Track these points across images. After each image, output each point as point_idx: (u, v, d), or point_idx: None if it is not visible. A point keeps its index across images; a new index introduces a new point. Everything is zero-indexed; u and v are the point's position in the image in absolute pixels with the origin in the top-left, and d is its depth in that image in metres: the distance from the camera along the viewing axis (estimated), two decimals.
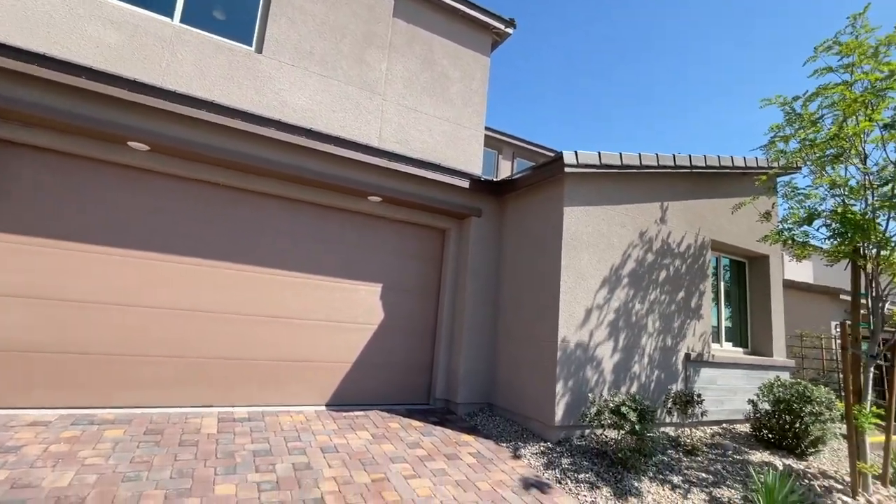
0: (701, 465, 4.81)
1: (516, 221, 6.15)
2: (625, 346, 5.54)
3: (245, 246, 5.16)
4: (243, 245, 5.15)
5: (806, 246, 5.45)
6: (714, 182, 6.80)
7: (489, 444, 4.77)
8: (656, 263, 6.00)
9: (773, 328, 7.40)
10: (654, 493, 4.07)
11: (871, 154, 4.84)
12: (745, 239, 6.99)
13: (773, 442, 5.84)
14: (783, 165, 5.93)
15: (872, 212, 4.56)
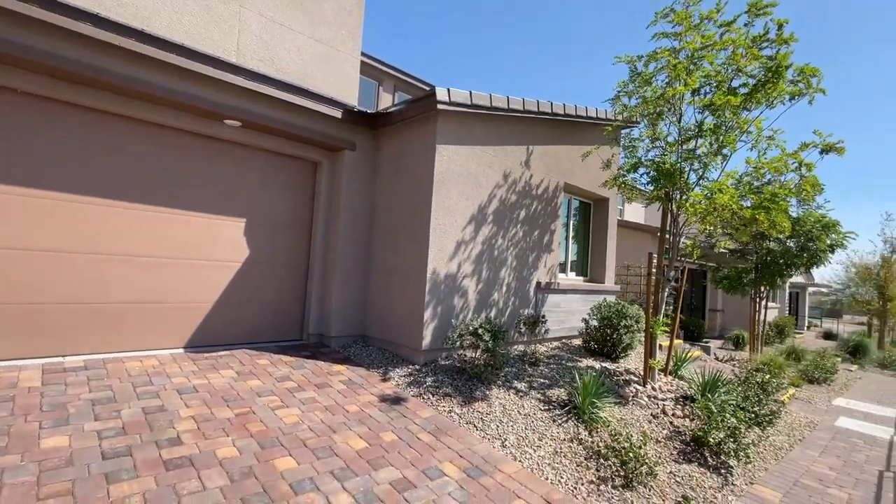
0: (541, 373, 5.75)
1: (391, 157, 6.12)
2: (487, 278, 6.12)
3: (82, 174, 4.30)
4: (80, 173, 4.29)
5: (634, 190, 6.46)
6: (571, 130, 7.53)
7: (360, 372, 5.03)
8: (518, 203, 6.58)
9: (607, 260, 8.82)
10: (501, 397, 4.79)
11: (685, 113, 5.80)
12: (592, 183, 8.00)
13: (597, 351, 7.19)
14: (625, 119, 6.79)
15: (680, 163, 5.56)
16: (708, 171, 5.57)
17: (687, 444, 4.61)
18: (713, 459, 4.36)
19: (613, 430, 4.35)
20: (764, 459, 4.80)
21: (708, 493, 3.81)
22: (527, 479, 3.49)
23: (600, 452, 3.99)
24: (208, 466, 2.89)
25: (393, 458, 3.37)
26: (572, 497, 3.40)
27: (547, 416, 4.58)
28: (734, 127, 5.17)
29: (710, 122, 5.29)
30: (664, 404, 5.43)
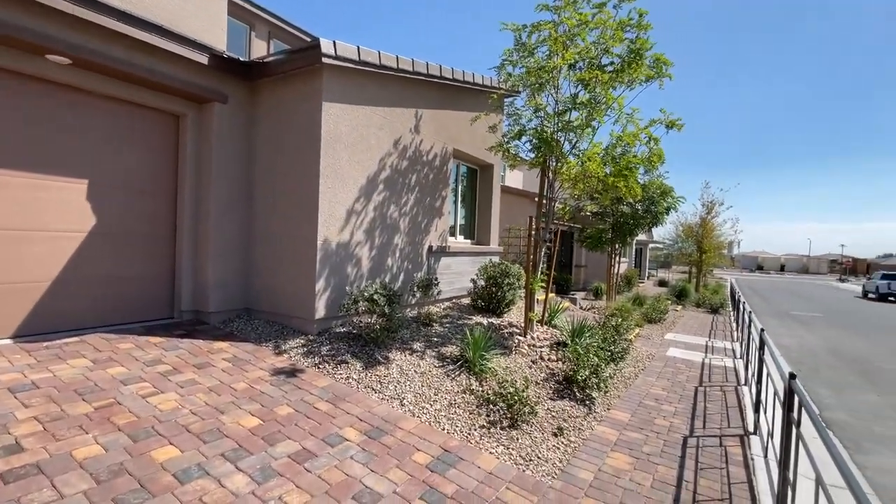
0: (435, 332, 6.01)
1: (272, 113, 5.57)
2: (381, 243, 6.08)
3: None
4: None
5: (517, 157, 6.89)
6: (459, 96, 7.63)
7: (247, 347, 4.70)
8: (410, 169, 6.56)
9: (492, 223, 9.37)
10: (398, 359, 4.92)
11: (562, 87, 6.27)
12: (479, 149, 8.31)
13: (485, 308, 7.73)
14: (510, 87, 7.09)
15: (557, 133, 6.05)
16: (581, 141, 6.16)
17: (560, 383, 5.30)
18: (580, 394, 5.08)
19: (500, 379, 4.79)
20: (618, 389, 5.75)
21: (577, 422, 4.46)
22: (426, 432, 3.70)
23: (490, 399, 4.37)
24: (64, 471, 2.49)
25: (291, 432, 3.28)
26: (466, 442, 3.70)
27: (441, 372, 4.84)
28: (603, 102, 5.76)
29: (583, 97, 5.81)
30: (542, 351, 6.11)
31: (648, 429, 4.52)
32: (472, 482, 3.09)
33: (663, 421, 4.78)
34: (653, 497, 3.22)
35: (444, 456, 3.37)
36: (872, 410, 5.96)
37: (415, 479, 3.00)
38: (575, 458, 3.72)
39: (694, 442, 4.31)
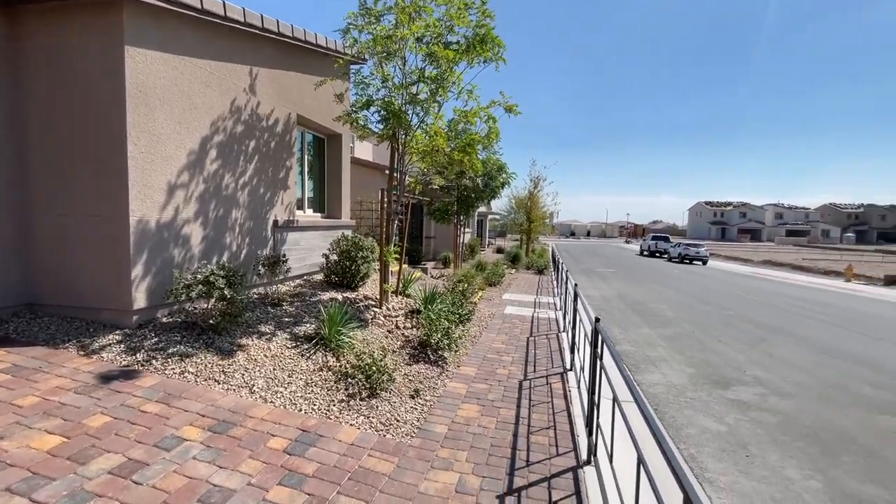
0: (286, 312, 5.66)
1: (47, 55, 4.32)
2: (216, 219, 5.38)
3: None
4: None
5: (366, 128, 6.75)
6: (302, 57, 7.06)
7: (35, 352, 3.74)
8: (248, 135, 5.88)
9: (343, 195, 9.09)
10: (244, 344, 4.51)
11: (409, 59, 6.30)
12: (325, 117, 7.88)
13: (339, 283, 7.56)
14: (356, 54, 6.82)
15: (405, 105, 6.10)
16: (428, 115, 6.34)
17: (415, 348, 5.57)
18: (434, 356, 5.44)
19: (358, 351, 4.81)
20: (466, 347, 6.32)
21: (432, 382, 4.78)
22: (281, 416, 3.52)
23: (348, 373, 4.37)
24: None
25: (110, 444, 2.77)
26: (326, 419, 3.65)
27: (296, 353, 4.63)
28: (448, 78, 5.99)
29: (430, 71, 5.94)
30: (397, 320, 6.30)
31: (492, 378, 5.11)
32: (333, 457, 3.08)
33: (503, 370, 5.46)
34: (497, 436, 3.69)
35: (302, 437, 3.27)
36: (646, 340, 7.80)
37: (271, 466, 2.86)
38: (431, 415, 4.00)
39: (527, 384, 5.03)
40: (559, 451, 3.50)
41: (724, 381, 5.70)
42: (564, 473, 3.18)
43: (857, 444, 4.03)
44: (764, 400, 5.06)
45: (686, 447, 3.91)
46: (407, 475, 2.98)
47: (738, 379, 5.79)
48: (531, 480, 3.06)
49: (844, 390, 5.43)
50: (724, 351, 7.16)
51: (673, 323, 9.35)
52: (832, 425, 4.41)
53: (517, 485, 2.98)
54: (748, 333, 8.54)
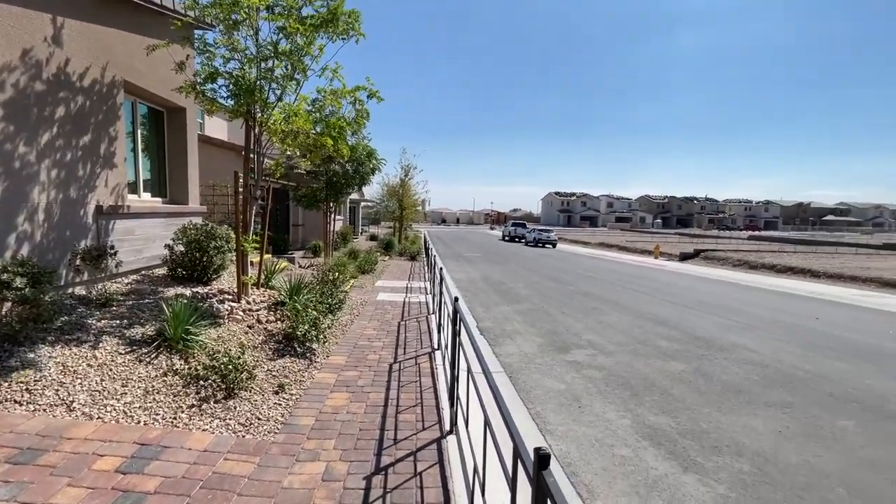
0: (117, 313, 4.85)
1: None
2: (6, 199, 4.31)
3: None
4: None
5: (214, 102, 6.04)
6: (129, 12, 5.97)
7: None
8: (53, 98, 4.80)
9: (189, 178, 8.04)
10: (57, 355, 3.76)
11: (262, 29, 5.79)
12: (164, 87, 6.83)
13: (187, 277, 6.72)
14: (197, 17, 6.01)
15: (260, 81, 5.61)
16: (286, 93, 5.93)
17: (280, 342, 5.28)
18: (301, 348, 5.23)
19: (211, 351, 4.37)
20: (336, 337, 6.20)
21: (299, 375, 4.60)
22: (112, 432, 3.05)
23: (200, 375, 3.96)
24: None
25: None
26: (172, 428, 3.27)
27: (132, 359, 4.02)
28: (306, 54, 5.67)
29: (284, 46, 5.54)
30: (259, 314, 5.88)
31: (363, 365, 5.13)
32: (181, 467, 2.79)
33: (374, 355, 5.52)
34: (366, 420, 3.74)
35: (141, 451, 2.89)
36: (504, 316, 8.62)
37: (99, 491, 2.48)
38: (297, 408, 3.87)
39: (397, 367, 5.18)
40: (425, 426, 3.70)
41: (565, 346, 6.63)
42: (430, 445, 3.39)
43: (655, 386, 5.09)
44: (594, 359, 6.04)
45: (533, 406, 4.48)
46: (269, 473, 2.85)
47: (576, 343, 6.79)
48: (398, 457, 3.19)
49: (649, 345, 6.78)
50: (565, 321, 8.31)
51: (527, 299, 10.49)
52: (640, 374, 5.48)
53: (384, 463, 3.09)
54: (584, 304, 10.03)
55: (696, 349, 6.63)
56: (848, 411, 4.51)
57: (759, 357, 6.28)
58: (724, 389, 5.03)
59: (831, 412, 4.48)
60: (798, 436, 3.96)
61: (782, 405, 4.62)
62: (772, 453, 3.64)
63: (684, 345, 6.85)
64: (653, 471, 3.34)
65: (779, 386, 5.17)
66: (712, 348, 6.68)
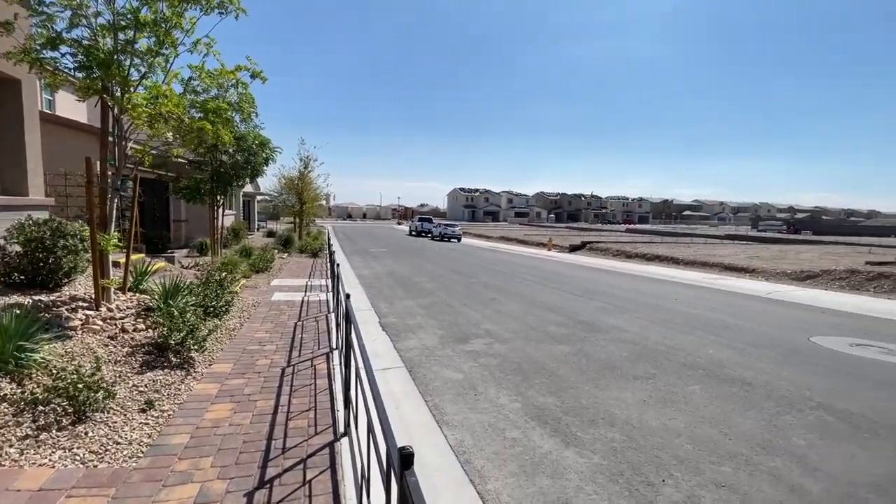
0: None
1: None
2: None
3: None
4: None
5: (57, 74, 5.09)
6: None
7: None
8: None
9: (28, 165, 6.73)
10: None
11: None
12: None
13: (26, 282, 5.63)
14: None
15: (118, 54, 4.85)
16: (153, 71, 5.21)
17: (150, 353, 4.66)
18: (177, 358, 4.67)
19: (55, 369, 3.70)
20: (221, 343, 5.66)
21: (173, 389, 4.10)
22: None
23: (39, 399, 3.32)
24: None
25: None
26: None
27: None
28: (175, 26, 5.01)
29: (146, 15, 4.83)
30: (123, 322, 5.13)
31: (251, 371, 4.75)
32: None
33: (265, 360, 5.14)
34: (252, 430, 3.46)
35: None
36: (408, 311, 8.64)
37: None
38: (168, 426, 3.45)
39: (291, 370, 4.89)
40: (318, 430, 3.54)
41: (465, 337, 6.84)
42: (322, 450, 3.25)
43: (544, 369, 5.48)
44: (490, 347, 6.31)
45: (432, 398, 4.53)
46: None
47: (475, 333, 7.04)
48: (286, 466, 3.01)
49: (540, 331, 7.29)
50: (466, 312, 8.58)
51: (431, 293, 10.62)
52: (531, 358, 5.86)
53: (270, 475, 2.88)
54: (484, 295, 10.46)
55: (580, 332, 7.28)
56: (696, 377, 5.29)
57: (630, 336, 7.10)
58: (601, 367, 5.59)
59: (683, 379, 5.21)
60: (658, 402, 4.54)
61: (647, 377, 5.27)
62: (637, 420, 4.13)
63: (570, 329, 7.48)
64: (539, 449, 3.58)
65: (645, 360, 5.89)
66: (593, 330, 7.39)
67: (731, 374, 5.40)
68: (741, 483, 3.16)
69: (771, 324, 8.30)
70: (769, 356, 6.18)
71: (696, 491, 3.06)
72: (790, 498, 3.00)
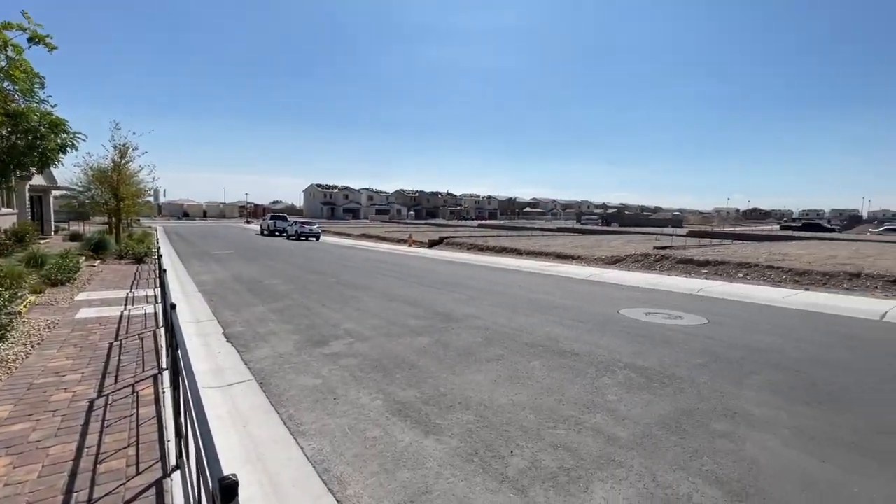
0: None
1: None
2: None
3: None
4: None
5: None
6: None
7: None
8: None
9: None
10: None
11: None
12: None
13: None
14: None
15: None
16: None
17: None
18: None
19: None
20: None
21: None
22: None
23: None
24: None
25: None
26: None
27: None
28: None
29: None
30: None
31: (41, 411, 3.77)
32: None
33: (64, 394, 4.14)
34: (40, 487, 2.74)
35: None
36: (259, 318, 7.89)
37: None
38: None
39: (103, 402, 4.03)
40: (141, 469, 2.99)
41: (324, 339, 6.54)
42: (146, 491, 2.75)
43: (405, 362, 5.56)
44: (350, 347, 6.16)
45: (286, 409, 4.21)
46: None
47: (334, 335, 6.78)
48: None
49: (400, 325, 7.39)
50: (325, 313, 8.22)
51: (285, 296, 9.90)
52: (392, 353, 5.89)
53: None
54: (344, 294, 10.17)
55: (439, 323, 7.60)
56: (537, 353, 5.98)
57: (482, 322, 7.68)
58: (458, 354, 5.91)
59: (527, 357, 5.84)
60: (507, 381, 4.99)
61: (497, 358, 5.75)
62: (489, 400, 4.47)
63: (429, 321, 7.75)
64: (400, 443, 3.61)
65: (496, 344, 6.43)
66: (450, 320, 7.79)
67: (564, 348, 6.25)
68: (572, 441, 3.67)
69: (592, 301, 9.85)
70: (590, 329, 7.32)
71: (538, 455, 3.44)
72: (607, 447, 3.59)
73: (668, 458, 3.41)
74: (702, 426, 3.95)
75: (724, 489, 3.03)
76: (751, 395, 4.66)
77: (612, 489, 3.03)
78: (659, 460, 3.38)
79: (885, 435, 3.82)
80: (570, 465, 3.31)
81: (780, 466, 3.32)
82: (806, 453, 3.51)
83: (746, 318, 8.31)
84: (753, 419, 4.10)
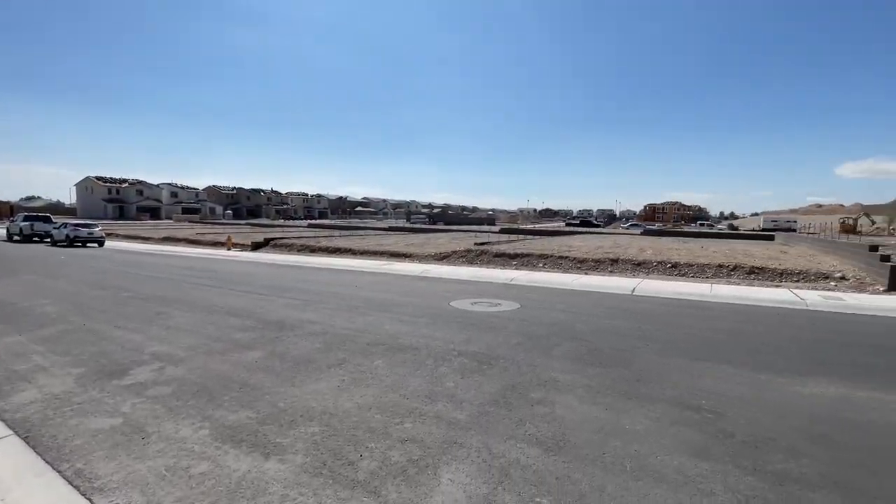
0: None
1: None
2: None
3: None
4: None
5: None
6: None
7: None
8: None
9: None
10: None
11: None
12: None
13: None
14: None
15: None
16: None
17: None
18: None
19: None
20: None
21: None
22: None
23: None
24: None
25: None
26: None
27: None
28: None
29: None
30: None
31: None
32: None
33: None
34: None
35: None
36: (14, 351, 5.98)
37: None
38: None
39: None
40: None
41: (122, 368, 5.35)
42: None
43: (234, 381, 4.96)
44: (161, 374, 5.19)
45: (72, 463, 3.32)
46: None
47: (137, 360, 5.61)
48: None
49: (224, 340, 6.55)
50: (120, 336, 6.72)
51: (57, 321, 7.73)
52: (217, 374, 5.19)
53: None
54: (146, 310, 8.49)
55: (270, 333, 7.00)
56: (379, 353, 6.04)
57: (320, 327, 7.38)
58: (296, 364, 5.56)
59: (370, 357, 5.86)
60: (351, 384, 4.92)
61: (339, 363, 5.61)
62: (334, 407, 4.34)
63: (259, 332, 7.07)
64: (235, 474, 3.22)
65: (336, 348, 6.26)
66: (284, 329, 7.25)
67: (404, 343, 6.47)
68: (418, 432, 3.85)
69: (426, 296, 10.43)
70: (427, 323, 7.76)
71: (387, 453, 3.50)
72: (449, 431, 3.88)
73: (500, 431, 3.88)
74: (523, 397, 4.60)
75: (542, 447, 3.61)
76: (556, 364, 5.63)
77: (457, 469, 3.29)
78: (493, 434, 3.82)
79: (640, 382, 5.08)
80: (417, 455, 3.47)
81: (579, 419, 4.11)
82: (595, 405, 4.43)
83: (547, 301, 9.98)
84: (559, 384, 4.97)
